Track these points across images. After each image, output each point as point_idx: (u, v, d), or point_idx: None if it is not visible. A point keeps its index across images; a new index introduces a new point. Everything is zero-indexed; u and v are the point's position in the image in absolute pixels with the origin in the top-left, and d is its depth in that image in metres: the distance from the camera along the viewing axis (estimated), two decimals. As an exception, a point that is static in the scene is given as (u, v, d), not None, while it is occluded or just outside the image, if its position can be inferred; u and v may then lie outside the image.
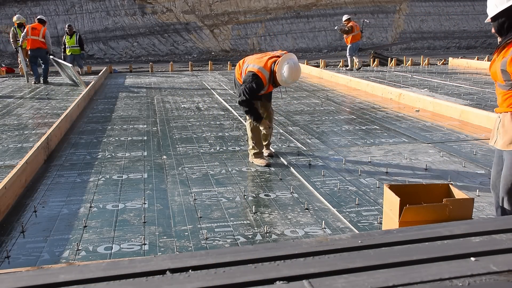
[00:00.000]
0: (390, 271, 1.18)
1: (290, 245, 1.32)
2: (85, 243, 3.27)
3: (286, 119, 7.44)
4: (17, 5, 20.23)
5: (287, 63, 4.64)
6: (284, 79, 4.67)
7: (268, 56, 4.83)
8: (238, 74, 5.05)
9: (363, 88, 10.43)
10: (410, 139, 6.10)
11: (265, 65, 4.73)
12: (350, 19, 14.47)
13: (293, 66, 4.65)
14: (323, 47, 23.10)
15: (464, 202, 2.94)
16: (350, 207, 3.90)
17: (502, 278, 1.15)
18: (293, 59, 4.69)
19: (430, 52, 22.76)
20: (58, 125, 6.30)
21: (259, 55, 4.97)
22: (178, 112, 8.24)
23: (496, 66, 2.94)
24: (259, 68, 4.72)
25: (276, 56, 4.81)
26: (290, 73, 4.64)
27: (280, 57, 4.73)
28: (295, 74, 4.69)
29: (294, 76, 4.69)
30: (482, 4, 25.81)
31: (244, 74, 4.88)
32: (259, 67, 4.73)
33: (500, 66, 2.88)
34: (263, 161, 5.03)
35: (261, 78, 4.71)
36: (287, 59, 4.66)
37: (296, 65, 4.68)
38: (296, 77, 4.74)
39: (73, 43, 14.24)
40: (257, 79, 4.70)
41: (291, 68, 4.63)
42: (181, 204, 3.97)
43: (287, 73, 4.63)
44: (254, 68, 4.75)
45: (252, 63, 4.83)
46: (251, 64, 4.82)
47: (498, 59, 2.93)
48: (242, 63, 5.06)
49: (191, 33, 21.93)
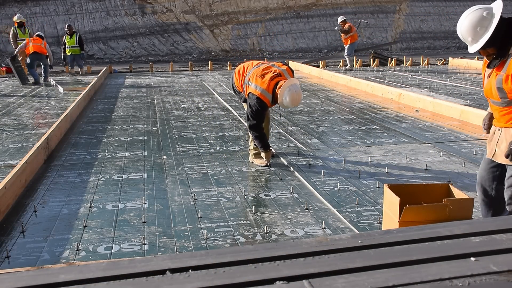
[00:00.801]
0: (390, 271, 1.18)
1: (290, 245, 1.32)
2: (85, 243, 3.27)
3: (286, 119, 7.44)
4: (17, 5, 20.22)
5: (289, 89, 4.65)
6: (286, 104, 4.72)
7: (270, 75, 4.77)
8: (237, 82, 5.09)
9: (363, 88, 10.43)
10: (410, 139, 6.10)
11: (268, 87, 4.72)
12: (346, 20, 14.55)
13: (295, 94, 4.67)
14: (323, 47, 23.10)
15: (464, 202, 2.94)
16: (350, 207, 3.90)
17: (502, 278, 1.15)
18: (295, 86, 4.71)
19: (430, 52, 22.76)
20: (58, 125, 6.30)
21: (260, 70, 4.86)
22: (178, 112, 8.24)
23: (491, 83, 2.91)
24: (261, 92, 4.75)
25: (277, 74, 4.77)
26: (292, 100, 4.68)
27: (282, 79, 4.73)
28: (296, 101, 4.73)
29: (295, 103, 4.74)
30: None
31: (246, 88, 4.92)
32: (262, 90, 4.74)
33: (496, 83, 2.85)
34: (263, 161, 5.03)
35: (265, 102, 4.80)
36: (289, 86, 4.67)
37: (297, 92, 4.70)
38: (296, 103, 4.79)
39: (73, 43, 14.24)
40: (261, 102, 4.80)
41: (293, 96, 4.66)
42: (181, 204, 3.97)
43: (288, 100, 4.67)
44: (257, 91, 4.76)
45: (254, 82, 4.79)
46: (253, 84, 4.80)
47: (492, 76, 2.90)
48: (242, 71, 5.04)
49: (191, 33, 21.93)
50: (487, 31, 2.76)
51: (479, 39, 2.80)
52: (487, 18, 2.77)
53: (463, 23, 2.85)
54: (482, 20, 2.77)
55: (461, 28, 2.87)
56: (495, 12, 2.79)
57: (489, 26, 2.76)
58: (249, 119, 4.89)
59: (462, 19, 2.87)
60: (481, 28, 2.78)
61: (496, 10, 2.80)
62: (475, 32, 2.81)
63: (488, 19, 2.77)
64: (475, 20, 2.79)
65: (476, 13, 2.80)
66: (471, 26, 2.81)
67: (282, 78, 4.76)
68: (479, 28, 2.78)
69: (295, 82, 4.77)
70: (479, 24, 2.78)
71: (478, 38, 2.80)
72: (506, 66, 2.79)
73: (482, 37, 2.78)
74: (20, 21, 13.77)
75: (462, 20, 2.87)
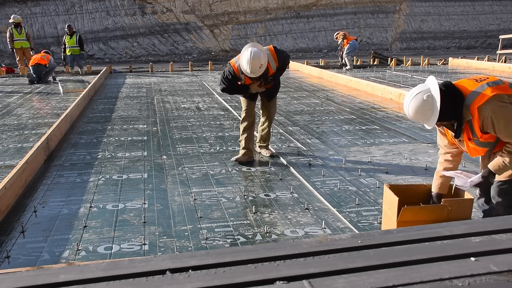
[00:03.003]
0: (390, 271, 1.18)
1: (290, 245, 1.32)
2: (85, 243, 3.27)
3: (286, 119, 7.44)
4: (17, 5, 20.23)
5: (246, 51, 4.47)
6: (241, 66, 4.56)
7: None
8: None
9: (363, 88, 10.43)
10: (410, 139, 6.10)
11: (239, 56, 4.76)
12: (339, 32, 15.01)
13: (249, 56, 4.41)
14: (323, 47, 23.10)
15: (463, 203, 2.94)
16: (350, 207, 3.89)
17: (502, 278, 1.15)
18: (254, 49, 4.44)
19: (430, 52, 22.76)
20: (58, 125, 6.30)
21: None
22: (178, 112, 8.24)
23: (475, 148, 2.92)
24: (234, 59, 4.85)
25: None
26: (245, 62, 4.47)
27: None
28: (249, 64, 4.42)
29: (248, 65, 4.43)
30: (482, 4, 25.84)
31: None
32: (235, 58, 4.85)
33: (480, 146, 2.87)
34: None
35: (233, 67, 4.78)
36: (249, 48, 4.49)
37: (253, 56, 4.40)
38: (250, 67, 4.45)
39: (73, 43, 14.25)
40: (229, 68, 4.82)
41: (247, 57, 4.43)
42: (181, 204, 3.97)
43: (243, 62, 4.51)
44: (232, 60, 4.89)
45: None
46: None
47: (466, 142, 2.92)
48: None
49: (191, 33, 21.92)
50: (434, 110, 2.80)
51: (430, 118, 2.83)
52: (428, 100, 2.80)
53: (410, 112, 2.89)
54: (425, 104, 2.81)
55: (410, 115, 2.91)
56: (433, 92, 2.81)
57: (434, 105, 2.80)
58: (220, 84, 5.04)
59: (406, 107, 2.90)
60: (427, 110, 2.82)
61: (433, 89, 2.82)
62: (424, 115, 2.85)
63: (429, 100, 2.80)
64: (419, 106, 2.82)
65: (416, 100, 2.83)
66: (417, 112, 2.85)
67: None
68: (425, 110, 2.82)
69: (258, 47, 4.54)
70: (424, 108, 2.81)
71: (429, 118, 2.84)
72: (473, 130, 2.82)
73: (432, 116, 2.82)
74: (14, 21, 13.80)
75: (407, 108, 2.91)
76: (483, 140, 2.83)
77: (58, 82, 11.99)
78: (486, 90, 2.76)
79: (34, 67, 12.14)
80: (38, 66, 12.15)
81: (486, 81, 2.85)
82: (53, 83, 12.33)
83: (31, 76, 12.26)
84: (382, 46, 23.54)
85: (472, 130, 2.83)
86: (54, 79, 12.73)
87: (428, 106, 2.80)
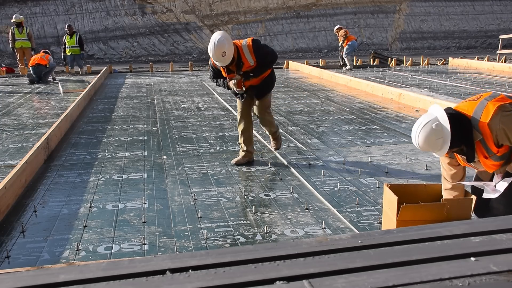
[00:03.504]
0: (390, 271, 1.18)
1: (290, 245, 1.32)
2: (85, 243, 3.27)
3: (286, 119, 7.44)
4: (17, 5, 20.22)
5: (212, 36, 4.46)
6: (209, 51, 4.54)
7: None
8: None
9: (363, 88, 10.43)
10: (410, 139, 6.08)
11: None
12: (341, 27, 14.90)
13: (212, 41, 4.41)
14: (323, 47, 23.10)
15: (463, 202, 2.94)
16: (350, 207, 3.89)
17: (502, 278, 1.15)
18: (218, 36, 4.43)
19: (430, 52, 22.76)
20: (58, 125, 6.30)
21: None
22: (178, 112, 8.24)
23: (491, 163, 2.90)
24: None
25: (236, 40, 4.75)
26: (209, 49, 4.47)
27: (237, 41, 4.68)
28: (212, 49, 4.42)
29: (211, 50, 4.44)
30: (482, 4, 25.83)
31: None
32: None
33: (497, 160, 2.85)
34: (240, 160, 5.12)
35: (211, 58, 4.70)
36: (214, 35, 4.47)
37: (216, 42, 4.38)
38: (212, 52, 4.44)
39: (73, 43, 14.25)
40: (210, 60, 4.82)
41: (210, 44, 4.44)
42: (181, 204, 3.97)
43: (208, 49, 4.51)
44: None
45: None
46: None
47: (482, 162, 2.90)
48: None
49: (191, 33, 21.93)
50: (445, 138, 2.77)
51: (442, 146, 2.80)
52: (438, 128, 2.77)
53: (420, 144, 2.84)
54: (435, 133, 2.78)
55: (420, 147, 2.86)
56: (441, 120, 2.79)
57: (444, 133, 2.77)
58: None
59: (416, 139, 2.86)
60: (438, 139, 2.79)
61: (441, 116, 2.80)
62: (435, 145, 2.81)
63: (439, 129, 2.77)
64: (429, 136, 2.79)
65: (425, 131, 2.80)
66: (428, 143, 2.81)
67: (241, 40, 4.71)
68: (436, 140, 2.79)
69: (224, 35, 4.49)
70: (435, 137, 2.78)
71: (441, 146, 2.81)
72: (487, 148, 2.80)
73: (444, 145, 2.79)
74: (15, 20, 13.84)
75: (416, 141, 2.86)
76: (500, 154, 2.81)
77: (58, 82, 11.99)
78: (488, 105, 2.75)
79: (34, 67, 12.15)
80: (38, 66, 12.16)
81: (482, 97, 2.85)
82: (53, 83, 12.33)
83: (31, 76, 12.27)
84: (382, 46, 23.54)
85: (486, 148, 2.80)
86: (54, 79, 12.73)
87: (439, 134, 2.77)
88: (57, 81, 12.20)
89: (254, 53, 4.64)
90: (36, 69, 12.15)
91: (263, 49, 4.74)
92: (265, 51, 4.75)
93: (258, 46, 4.70)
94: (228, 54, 4.46)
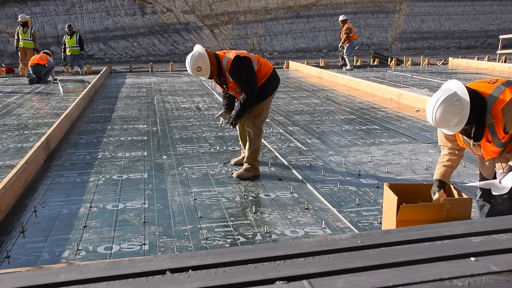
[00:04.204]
0: (390, 271, 1.18)
1: (290, 245, 1.32)
2: (85, 243, 3.27)
3: (286, 119, 7.45)
4: (17, 5, 20.22)
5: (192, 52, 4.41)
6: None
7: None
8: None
9: (363, 88, 10.43)
10: (410, 139, 6.10)
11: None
12: (346, 20, 14.62)
13: (189, 56, 4.38)
14: (323, 47, 23.10)
15: (463, 202, 2.94)
16: (350, 207, 3.89)
17: (502, 278, 1.15)
18: (194, 49, 4.39)
19: (430, 52, 22.76)
20: (58, 125, 6.30)
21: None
22: (178, 112, 8.24)
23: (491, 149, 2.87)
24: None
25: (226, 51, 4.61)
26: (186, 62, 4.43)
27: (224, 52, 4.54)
28: (187, 65, 4.39)
29: (187, 66, 4.41)
30: (482, 4, 25.83)
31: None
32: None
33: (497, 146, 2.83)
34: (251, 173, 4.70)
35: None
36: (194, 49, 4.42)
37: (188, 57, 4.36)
38: (189, 69, 4.40)
39: (73, 43, 14.26)
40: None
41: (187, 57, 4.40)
42: (181, 204, 3.97)
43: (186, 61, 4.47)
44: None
45: None
46: None
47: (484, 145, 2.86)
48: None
49: (191, 33, 21.92)
50: (463, 114, 2.72)
51: (458, 122, 2.75)
52: (458, 104, 2.71)
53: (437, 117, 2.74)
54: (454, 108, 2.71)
55: (436, 120, 2.76)
56: (462, 95, 2.74)
57: (463, 109, 2.72)
58: None
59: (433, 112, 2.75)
60: (456, 115, 2.73)
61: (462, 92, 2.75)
62: (451, 120, 2.74)
63: (459, 104, 2.71)
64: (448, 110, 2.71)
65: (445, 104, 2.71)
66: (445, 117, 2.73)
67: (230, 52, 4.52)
68: (454, 115, 2.73)
69: (198, 48, 4.39)
70: (453, 112, 2.71)
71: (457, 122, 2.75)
72: (494, 132, 2.78)
73: (461, 121, 2.73)
74: (20, 20, 13.90)
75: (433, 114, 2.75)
76: (504, 141, 2.79)
77: (58, 82, 12.00)
78: (505, 91, 2.72)
79: (34, 67, 12.16)
80: (37, 66, 12.17)
81: (499, 82, 2.81)
82: (53, 83, 12.34)
83: (31, 76, 12.28)
84: (382, 46, 23.55)
85: (493, 133, 2.78)
86: (55, 79, 12.73)
87: (457, 110, 2.70)
88: (57, 81, 12.20)
89: (229, 73, 4.34)
90: (35, 69, 12.15)
91: (240, 75, 4.35)
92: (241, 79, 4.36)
93: (235, 68, 4.31)
94: (204, 68, 4.33)
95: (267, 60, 4.83)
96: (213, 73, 4.42)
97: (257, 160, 4.69)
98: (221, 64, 4.39)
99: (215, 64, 4.37)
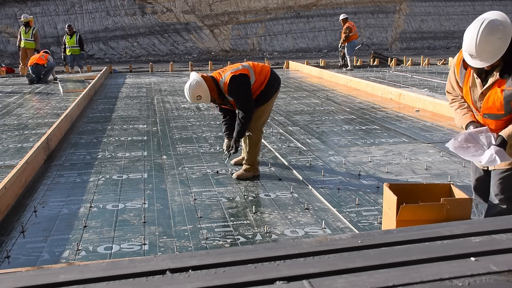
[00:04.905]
0: (390, 271, 1.18)
1: (290, 245, 1.32)
2: (85, 243, 3.27)
3: (286, 119, 7.45)
4: (17, 5, 20.22)
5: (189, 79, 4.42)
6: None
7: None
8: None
9: (363, 88, 10.43)
10: (410, 139, 6.10)
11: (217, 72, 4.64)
12: (347, 18, 14.58)
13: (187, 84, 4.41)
14: (323, 47, 23.10)
15: (463, 202, 2.93)
16: (350, 207, 3.90)
17: (502, 278, 1.15)
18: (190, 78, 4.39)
19: (430, 52, 22.76)
20: (58, 125, 6.30)
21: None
22: (178, 112, 8.24)
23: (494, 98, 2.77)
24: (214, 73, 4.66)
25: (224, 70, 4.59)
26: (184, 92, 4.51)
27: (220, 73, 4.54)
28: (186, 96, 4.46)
29: (186, 97, 4.49)
30: (482, 4, 25.84)
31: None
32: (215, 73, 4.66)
33: (505, 98, 2.72)
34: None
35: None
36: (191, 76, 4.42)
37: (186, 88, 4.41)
38: (188, 99, 4.47)
39: (73, 43, 14.25)
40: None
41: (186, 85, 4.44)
42: (181, 204, 3.97)
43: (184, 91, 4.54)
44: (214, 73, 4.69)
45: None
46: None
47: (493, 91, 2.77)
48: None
49: (191, 33, 21.93)
50: (505, 41, 2.60)
51: (498, 52, 2.62)
52: (502, 28, 2.60)
53: (480, 40, 2.59)
54: (498, 32, 2.58)
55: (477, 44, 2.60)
56: (506, 24, 2.62)
57: (506, 35, 2.60)
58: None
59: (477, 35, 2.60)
60: (498, 39, 2.59)
61: (501, 18, 2.65)
62: (493, 45, 2.60)
63: (502, 29, 2.60)
64: (493, 32, 2.58)
65: (491, 26, 2.59)
66: (489, 41, 2.59)
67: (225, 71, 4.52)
68: (498, 39, 2.60)
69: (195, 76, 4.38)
70: (497, 36, 2.59)
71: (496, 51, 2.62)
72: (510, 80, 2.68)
73: (501, 48, 2.61)
74: (22, 20, 13.96)
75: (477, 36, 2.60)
76: None
77: (58, 82, 12.00)
78: None
79: (33, 67, 12.16)
80: (36, 66, 12.17)
81: None
82: (53, 83, 12.34)
83: (30, 76, 12.28)
84: (382, 46, 23.55)
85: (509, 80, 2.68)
86: (56, 78, 12.72)
87: (501, 34, 2.58)
88: (57, 81, 12.20)
89: (228, 94, 4.41)
90: (34, 69, 12.15)
91: (238, 95, 4.41)
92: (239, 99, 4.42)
93: (232, 89, 4.37)
94: (204, 96, 4.36)
95: (262, 63, 4.82)
96: (214, 98, 4.47)
97: (256, 161, 4.71)
98: (219, 86, 4.42)
99: (214, 89, 4.41)
